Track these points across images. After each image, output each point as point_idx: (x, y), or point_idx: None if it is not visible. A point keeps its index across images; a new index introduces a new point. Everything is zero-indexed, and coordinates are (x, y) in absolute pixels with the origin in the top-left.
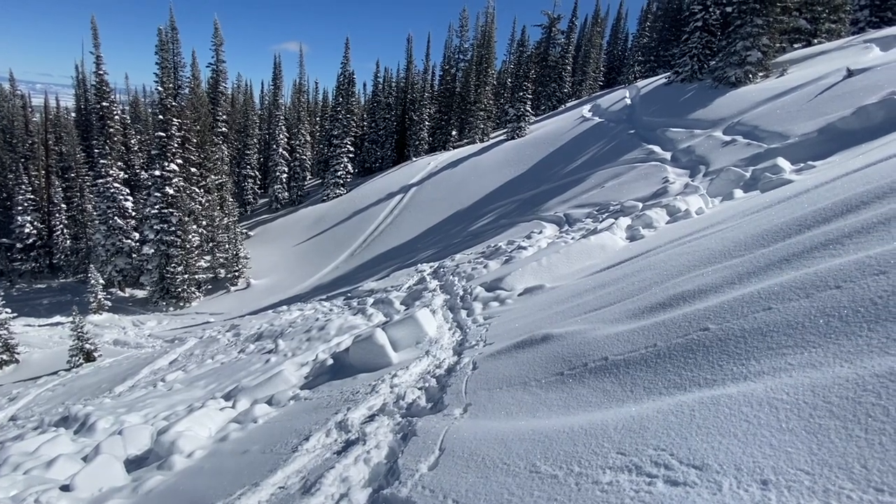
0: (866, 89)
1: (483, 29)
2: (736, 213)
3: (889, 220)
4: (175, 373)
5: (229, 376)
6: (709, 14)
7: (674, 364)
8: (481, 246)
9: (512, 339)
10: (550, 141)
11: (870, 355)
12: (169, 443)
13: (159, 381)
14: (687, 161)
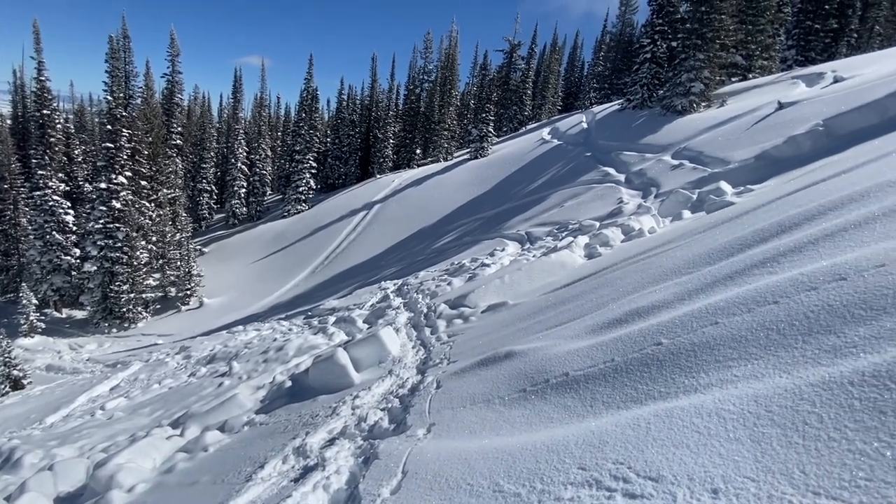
0: (795, 121)
1: (447, 52)
2: (685, 233)
3: (817, 240)
4: (116, 400)
5: (178, 402)
6: (657, 47)
7: (630, 378)
8: (445, 263)
9: (476, 357)
10: (512, 161)
11: (805, 366)
12: (107, 477)
13: (98, 409)
14: (639, 183)
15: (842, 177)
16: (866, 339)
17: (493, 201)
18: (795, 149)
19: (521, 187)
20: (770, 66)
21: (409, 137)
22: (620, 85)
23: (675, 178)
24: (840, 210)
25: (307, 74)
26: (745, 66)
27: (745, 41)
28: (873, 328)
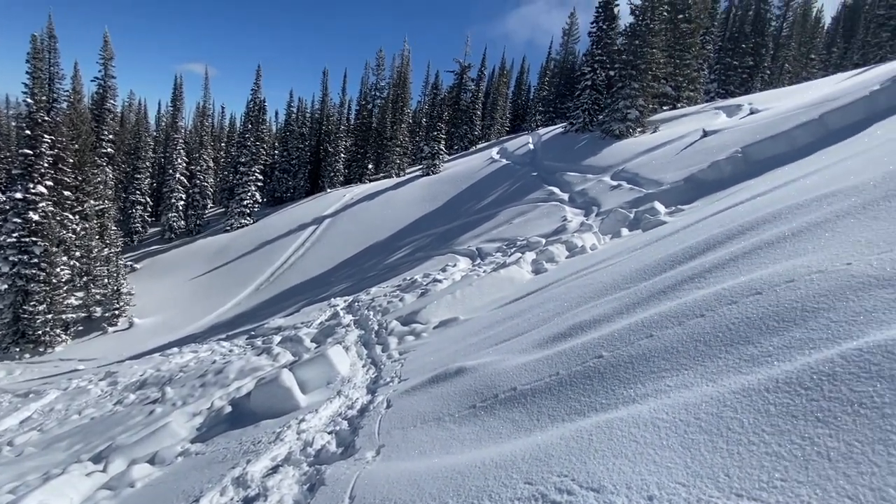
0: (718, 147)
1: (399, 70)
2: (623, 250)
3: (737, 257)
4: (28, 434)
5: (101, 434)
6: (596, 75)
7: (574, 391)
8: (397, 279)
9: (427, 374)
10: (463, 179)
11: (728, 374)
12: None
13: (5, 445)
14: (582, 202)
15: (757, 199)
16: (779, 349)
17: (445, 217)
18: (718, 173)
19: (471, 204)
20: (696, 96)
21: (361, 152)
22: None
23: (615, 197)
24: (756, 230)
25: (254, 85)
26: (674, 96)
27: (674, 73)
28: (785, 338)
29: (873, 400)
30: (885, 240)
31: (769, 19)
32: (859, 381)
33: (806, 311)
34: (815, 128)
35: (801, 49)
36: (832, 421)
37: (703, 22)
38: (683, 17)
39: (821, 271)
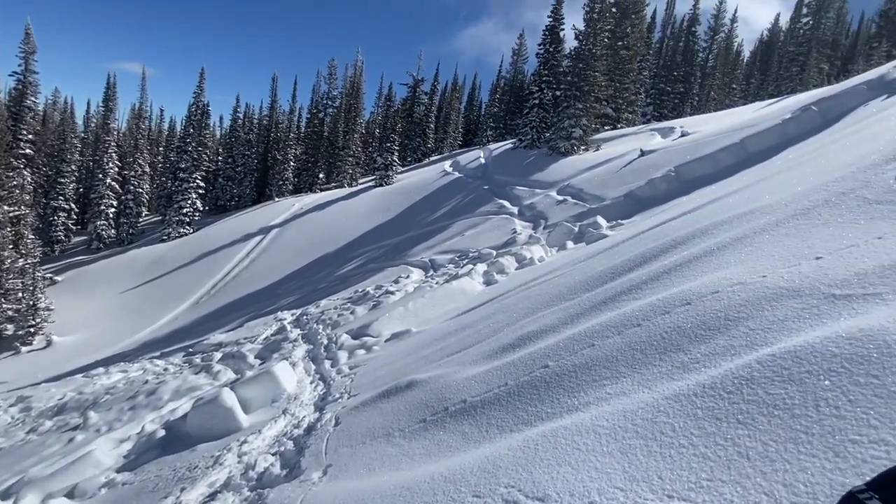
0: (653, 166)
1: (352, 80)
2: (568, 262)
3: (670, 270)
4: None
5: (10, 466)
6: (543, 95)
7: (522, 401)
8: (349, 291)
9: (377, 389)
10: (416, 191)
11: (661, 381)
12: None
13: None
14: (530, 215)
15: (687, 216)
16: (706, 356)
17: (398, 229)
18: (654, 190)
19: (424, 216)
20: (634, 118)
21: (312, 161)
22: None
23: (561, 211)
24: (686, 245)
25: (197, 88)
26: (614, 117)
27: (615, 96)
28: (710, 345)
29: (785, 402)
30: (795, 254)
31: (697, 51)
32: (773, 385)
33: (728, 320)
34: (737, 151)
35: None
36: (750, 422)
37: (640, 50)
38: (622, 44)
39: (741, 283)
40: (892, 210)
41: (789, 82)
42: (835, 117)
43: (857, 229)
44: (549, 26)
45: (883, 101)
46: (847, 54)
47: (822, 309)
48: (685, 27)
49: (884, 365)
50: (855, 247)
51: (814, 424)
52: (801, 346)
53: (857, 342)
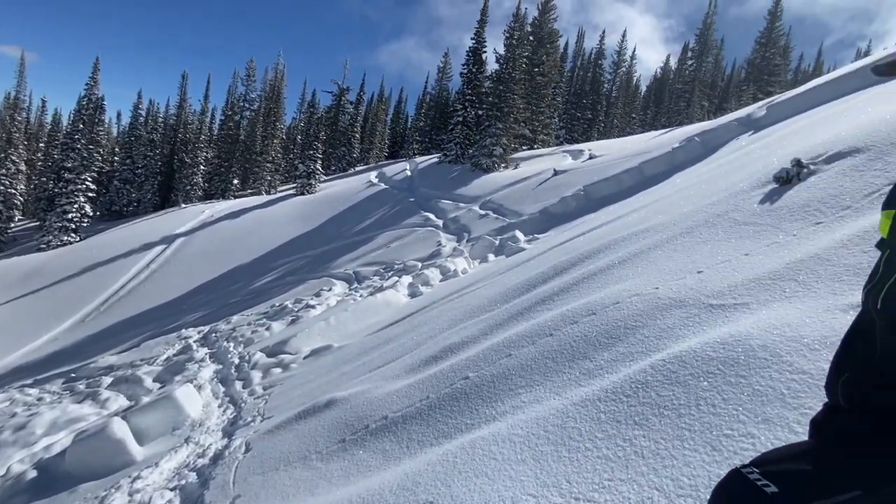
0: (565, 185)
1: (272, 83)
2: (489, 274)
3: (579, 282)
4: None
5: None
6: (467, 113)
7: (442, 414)
8: (264, 305)
9: (294, 410)
10: (341, 200)
11: (570, 387)
12: None
13: None
14: (455, 228)
15: (594, 232)
16: (608, 362)
17: (321, 239)
18: (565, 207)
19: (349, 226)
20: (548, 140)
21: (226, 165)
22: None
23: (483, 225)
24: (592, 259)
25: (90, 79)
26: (531, 137)
27: (531, 118)
28: (612, 352)
29: (672, 402)
30: (681, 269)
31: (603, 82)
32: (664, 387)
33: (627, 328)
34: (636, 174)
35: (626, 108)
36: (645, 423)
37: (553, 77)
38: (538, 70)
39: (638, 294)
40: (756, 230)
41: (678, 115)
42: (713, 148)
43: (730, 247)
44: (473, 48)
45: (749, 136)
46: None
47: (702, 317)
48: (593, 60)
49: (749, 366)
50: (728, 262)
51: (695, 422)
52: (686, 351)
53: (728, 346)
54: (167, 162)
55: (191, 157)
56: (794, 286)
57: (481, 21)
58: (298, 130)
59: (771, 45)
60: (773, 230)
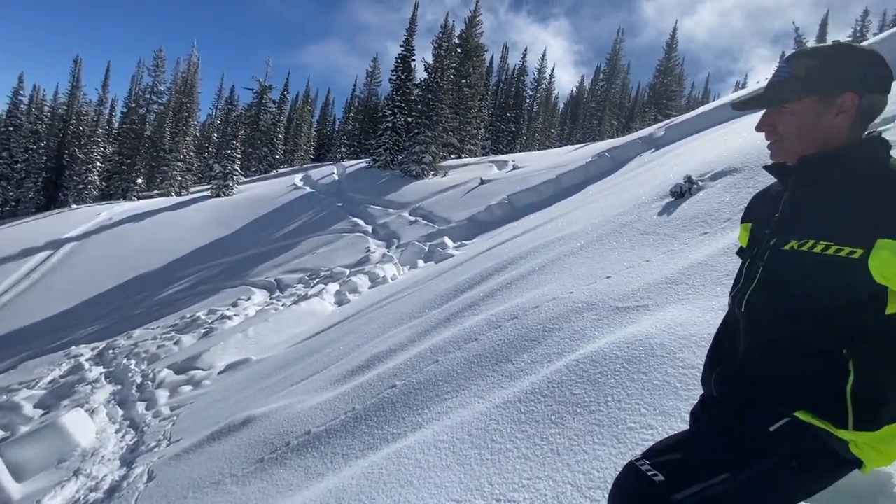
0: (491, 193)
1: (185, 76)
2: (419, 280)
3: (503, 287)
4: None
5: None
6: (396, 119)
7: (369, 425)
8: (173, 317)
9: (206, 430)
10: (262, 204)
11: (494, 390)
12: None
13: None
14: (384, 234)
15: (517, 239)
16: (528, 364)
17: (240, 245)
18: (491, 215)
19: (271, 231)
20: (475, 150)
21: (128, 163)
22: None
23: (412, 231)
24: (515, 265)
25: None
26: (459, 147)
27: (459, 128)
28: (532, 354)
29: (584, 400)
30: (593, 274)
31: (525, 97)
32: (577, 386)
33: (546, 331)
34: (554, 185)
35: (545, 123)
36: (560, 421)
37: (480, 89)
38: (465, 82)
39: (554, 299)
40: (656, 239)
41: (591, 132)
42: (621, 163)
43: (634, 254)
44: (402, 55)
45: (651, 153)
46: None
47: (610, 319)
48: (516, 76)
49: (649, 363)
50: (632, 268)
51: (604, 417)
52: (596, 351)
53: (632, 346)
54: (55, 157)
55: (84, 151)
56: (686, 289)
57: (410, 29)
58: (214, 128)
59: (668, 73)
60: (669, 239)
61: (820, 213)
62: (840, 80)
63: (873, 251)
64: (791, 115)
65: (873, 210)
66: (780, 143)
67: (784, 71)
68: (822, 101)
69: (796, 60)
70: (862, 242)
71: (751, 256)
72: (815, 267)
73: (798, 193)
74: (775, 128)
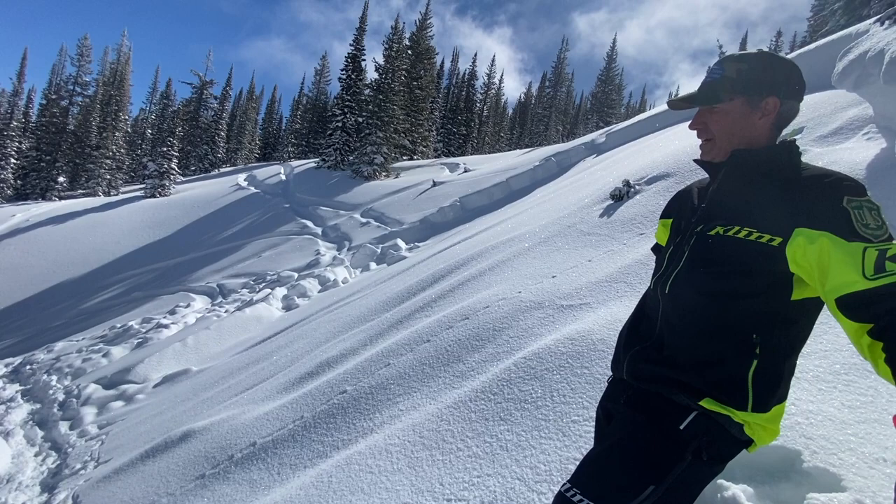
0: (443, 195)
1: (114, 67)
2: (371, 283)
3: (454, 288)
4: None
5: None
6: (347, 119)
7: (318, 433)
8: (101, 328)
9: (140, 448)
10: (202, 205)
11: (445, 391)
12: None
13: None
14: (335, 236)
15: (469, 240)
16: (479, 363)
17: (178, 249)
18: (444, 216)
19: (212, 234)
20: (427, 152)
21: (48, 160)
22: (317, 145)
23: (364, 233)
24: (467, 266)
25: None
26: (411, 149)
27: (411, 130)
28: (483, 354)
29: (531, 396)
30: (540, 273)
31: (475, 101)
32: (524, 383)
33: (496, 330)
34: (504, 188)
35: (495, 127)
36: (509, 418)
37: (431, 92)
38: (417, 84)
39: (504, 298)
40: (597, 240)
41: (538, 136)
42: (566, 167)
43: (577, 254)
44: (352, 55)
45: (594, 158)
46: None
47: (555, 317)
48: (466, 80)
49: (591, 358)
50: (576, 268)
51: (550, 412)
52: (542, 348)
53: (575, 342)
54: None
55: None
56: (624, 287)
57: (360, 29)
58: (148, 124)
59: (609, 83)
60: (609, 240)
61: (745, 203)
62: (765, 85)
63: (790, 240)
64: (722, 114)
65: (792, 203)
66: (712, 141)
67: (717, 72)
68: (749, 102)
69: (728, 63)
70: (781, 232)
71: (674, 244)
72: (738, 250)
73: (726, 185)
74: (707, 126)
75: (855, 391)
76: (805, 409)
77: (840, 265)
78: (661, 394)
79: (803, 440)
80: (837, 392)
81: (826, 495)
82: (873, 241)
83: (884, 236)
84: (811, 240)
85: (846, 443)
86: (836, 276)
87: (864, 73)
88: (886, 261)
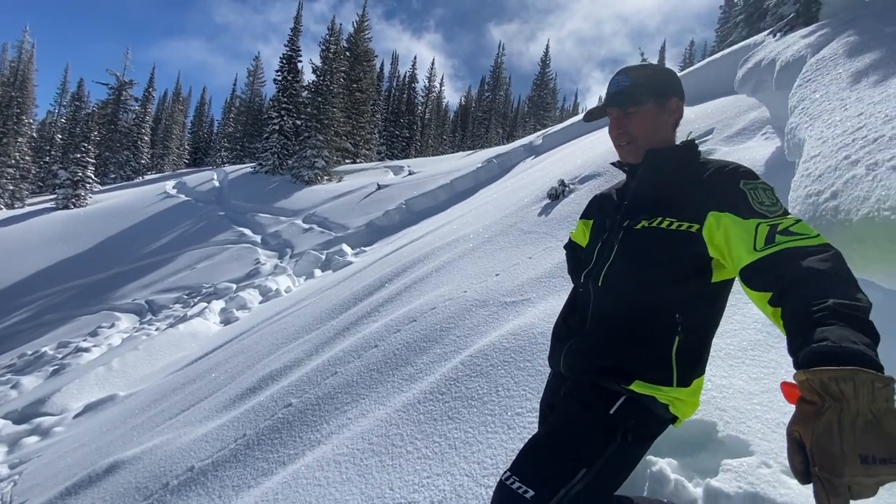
0: (389, 199)
1: (14, 66)
2: (316, 290)
3: (401, 292)
4: None
5: None
6: (284, 121)
7: (262, 450)
8: (9, 356)
9: (60, 486)
10: (125, 215)
11: (394, 395)
12: None
13: None
14: (276, 244)
15: (415, 243)
16: (427, 364)
17: (98, 264)
18: (389, 219)
19: (138, 246)
20: (370, 155)
21: None
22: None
23: (307, 240)
24: (414, 268)
25: None
26: (354, 151)
27: (353, 133)
28: (431, 355)
29: (477, 392)
30: (485, 272)
31: (417, 104)
32: (471, 380)
33: (443, 330)
34: (449, 189)
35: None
36: (457, 416)
37: (371, 94)
38: (356, 86)
39: (450, 299)
40: (536, 237)
41: (479, 139)
42: (507, 168)
43: (518, 252)
44: (287, 56)
45: (532, 159)
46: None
47: (499, 314)
48: (407, 83)
49: (533, 351)
50: (517, 265)
51: (496, 407)
52: (487, 345)
53: (518, 337)
54: None
55: None
56: (562, 281)
57: (295, 29)
58: (58, 128)
59: (543, 87)
60: (547, 237)
61: (664, 197)
62: (669, 88)
63: (704, 224)
64: (640, 116)
65: (703, 192)
66: (634, 144)
67: (624, 81)
68: (658, 104)
69: (632, 72)
70: (697, 219)
71: (602, 241)
72: (663, 240)
73: (645, 182)
74: (627, 129)
75: (759, 364)
76: (718, 383)
77: (738, 240)
78: (597, 383)
79: (717, 412)
80: (745, 366)
81: (737, 460)
82: (768, 216)
83: (778, 212)
84: (718, 220)
85: (752, 411)
86: (736, 250)
87: (760, 79)
88: (777, 234)
